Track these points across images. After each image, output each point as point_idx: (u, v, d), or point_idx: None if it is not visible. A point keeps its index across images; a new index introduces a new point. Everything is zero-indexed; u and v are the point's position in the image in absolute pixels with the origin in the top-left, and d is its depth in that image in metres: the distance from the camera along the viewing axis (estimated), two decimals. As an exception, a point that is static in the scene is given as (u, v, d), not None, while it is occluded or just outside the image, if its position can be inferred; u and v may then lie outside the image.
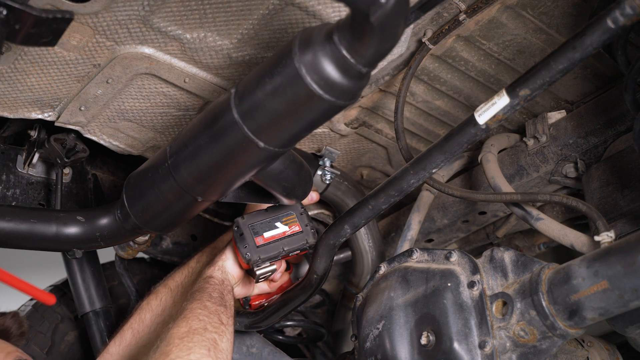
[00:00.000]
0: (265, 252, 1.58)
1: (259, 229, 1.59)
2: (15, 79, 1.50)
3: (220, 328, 1.43)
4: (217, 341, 1.38)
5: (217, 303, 1.49)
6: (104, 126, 1.69)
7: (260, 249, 1.57)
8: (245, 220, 1.59)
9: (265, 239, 1.58)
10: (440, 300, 1.38)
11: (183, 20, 1.42)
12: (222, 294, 1.54)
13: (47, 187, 1.84)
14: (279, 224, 1.61)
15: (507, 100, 1.22)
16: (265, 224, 1.60)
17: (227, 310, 1.50)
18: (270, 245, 1.58)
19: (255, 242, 1.57)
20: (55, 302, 1.72)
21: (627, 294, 1.15)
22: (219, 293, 1.53)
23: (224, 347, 1.40)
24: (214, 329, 1.41)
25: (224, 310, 1.49)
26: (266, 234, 1.59)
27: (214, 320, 1.43)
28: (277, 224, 1.61)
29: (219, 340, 1.39)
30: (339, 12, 1.41)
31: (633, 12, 1.06)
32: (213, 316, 1.44)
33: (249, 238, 1.57)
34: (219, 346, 1.38)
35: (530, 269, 1.33)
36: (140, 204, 1.44)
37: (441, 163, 1.34)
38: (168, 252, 2.15)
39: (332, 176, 1.86)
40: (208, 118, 1.28)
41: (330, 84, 1.12)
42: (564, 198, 1.41)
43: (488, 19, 1.57)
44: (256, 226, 1.59)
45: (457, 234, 2.04)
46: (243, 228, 1.58)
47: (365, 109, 1.85)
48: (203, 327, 1.40)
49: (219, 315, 1.46)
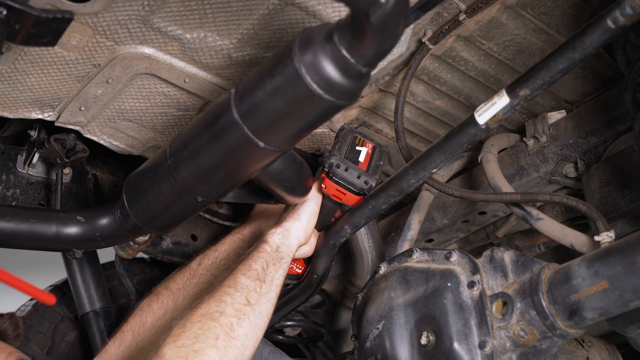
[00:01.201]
0: (373, 173, 1.51)
1: (352, 157, 1.51)
2: (15, 79, 1.50)
3: (243, 310, 1.35)
4: (233, 326, 1.32)
5: (252, 277, 1.42)
6: (104, 126, 1.69)
7: (369, 172, 1.50)
8: (335, 157, 1.50)
9: (363, 162, 1.51)
10: (440, 300, 1.38)
11: (183, 20, 1.42)
12: (265, 266, 1.46)
13: (47, 187, 1.84)
14: (359, 148, 1.53)
15: (507, 100, 1.22)
16: (352, 151, 1.52)
17: (262, 286, 1.42)
18: (372, 166, 1.51)
19: (362, 168, 1.50)
20: (55, 302, 1.72)
21: (627, 294, 1.15)
22: (262, 264, 1.45)
23: (242, 331, 1.33)
24: (234, 312, 1.34)
25: (257, 286, 1.41)
26: (361, 157, 1.52)
27: (238, 300, 1.36)
28: (358, 148, 1.53)
29: (236, 324, 1.32)
30: (339, 12, 1.41)
31: (633, 12, 1.06)
32: (239, 295, 1.37)
33: (352, 167, 1.50)
34: (234, 332, 1.31)
35: (530, 269, 1.33)
36: (140, 204, 1.44)
37: (441, 163, 1.34)
38: (168, 252, 2.15)
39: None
40: (208, 118, 1.28)
41: (330, 84, 1.12)
42: (564, 198, 1.41)
43: (488, 19, 1.57)
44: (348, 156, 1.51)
45: (457, 234, 2.04)
46: (341, 162, 1.49)
47: (365, 109, 1.85)
48: (221, 310, 1.33)
49: (248, 294, 1.38)
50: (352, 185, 1.49)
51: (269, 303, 1.42)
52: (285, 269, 1.50)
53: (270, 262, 1.47)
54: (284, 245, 1.51)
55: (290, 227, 1.53)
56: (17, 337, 1.66)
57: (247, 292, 1.39)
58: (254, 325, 1.36)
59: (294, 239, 1.52)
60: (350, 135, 1.53)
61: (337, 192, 1.52)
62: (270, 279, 1.45)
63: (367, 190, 1.49)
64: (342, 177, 1.49)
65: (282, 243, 1.51)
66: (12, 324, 1.64)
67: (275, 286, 1.45)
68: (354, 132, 1.55)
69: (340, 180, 1.50)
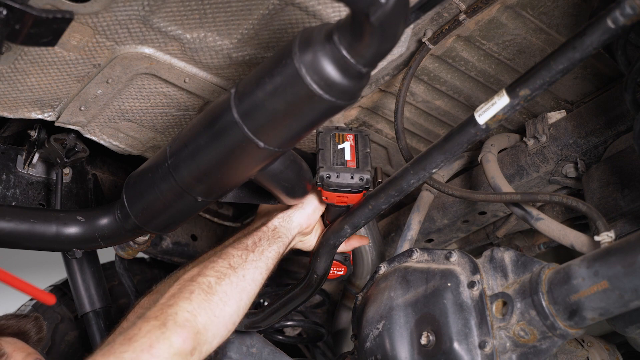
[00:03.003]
0: (364, 165, 1.49)
1: (338, 160, 1.49)
2: (15, 79, 1.50)
3: (224, 271, 1.37)
4: (211, 284, 1.34)
5: (239, 248, 1.43)
6: (104, 126, 1.69)
7: (360, 166, 1.48)
8: (323, 169, 1.48)
9: (350, 159, 1.50)
10: (440, 300, 1.38)
11: (183, 20, 1.42)
12: (257, 240, 1.47)
13: (47, 187, 1.84)
14: (341, 145, 1.51)
15: (507, 100, 1.22)
16: (336, 153, 1.50)
17: (249, 255, 1.43)
18: (360, 159, 1.49)
19: (352, 166, 1.48)
20: (55, 302, 1.72)
21: (627, 294, 1.15)
22: (254, 239, 1.47)
23: (221, 289, 1.34)
24: (213, 273, 1.36)
25: (243, 254, 1.43)
26: (346, 155, 1.50)
27: (220, 265, 1.38)
28: (340, 146, 1.51)
29: (215, 283, 1.34)
30: (339, 12, 1.41)
31: (633, 12, 1.06)
32: (222, 261, 1.39)
33: (343, 170, 1.48)
34: (211, 289, 1.33)
35: (530, 269, 1.33)
36: (140, 204, 1.44)
37: (441, 163, 1.34)
38: (168, 252, 2.15)
39: None
40: (208, 118, 1.28)
41: (330, 84, 1.12)
42: (564, 198, 1.41)
43: (488, 19, 1.57)
44: (334, 161, 1.49)
45: (457, 234, 2.04)
46: (330, 171, 1.47)
47: (365, 109, 1.85)
48: (201, 273, 1.36)
49: (231, 260, 1.40)
50: (350, 187, 1.48)
51: (255, 270, 1.42)
52: (281, 246, 1.49)
53: (264, 238, 1.48)
54: (282, 227, 1.52)
55: (292, 214, 1.55)
56: (40, 340, 1.65)
57: (230, 258, 1.40)
58: (235, 285, 1.37)
59: (295, 224, 1.54)
60: (328, 137, 1.52)
61: (339, 199, 1.52)
62: (260, 250, 1.45)
63: (365, 185, 1.49)
64: (338, 184, 1.48)
65: (281, 225, 1.52)
66: (36, 326, 1.63)
67: (266, 258, 1.45)
68: (330, 132, 1.53)
69: (336, 188, 1.49)
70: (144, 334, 1.21)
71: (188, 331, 1.25)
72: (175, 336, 1.23)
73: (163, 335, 1.22)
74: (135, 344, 1.20)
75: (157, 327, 1.22)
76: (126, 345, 1.20)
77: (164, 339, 1.21)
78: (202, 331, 1.27)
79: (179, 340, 1.23)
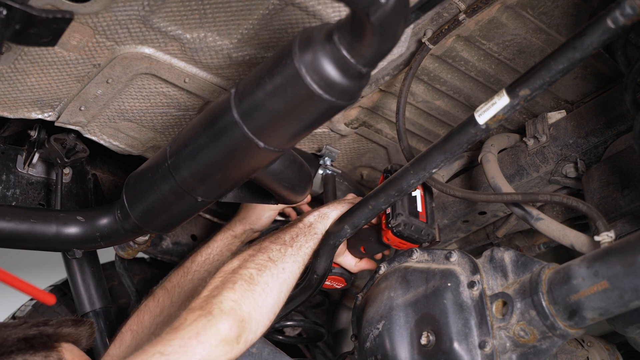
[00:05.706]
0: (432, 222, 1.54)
1: (412, 209, 1.54)
2: (15, 79, 1.50)
3: (265, 264, 1.40)
4: (253, 275, 1.37)
5: (278, 243, 1.47)
6: (104, 126, 1.69)
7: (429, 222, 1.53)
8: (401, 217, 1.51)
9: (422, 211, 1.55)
10: (440, 300, 1.38)
11: (183, 20, 1.42)
12: (294, 236, 1.50)
13: (47, 187, 1.84)
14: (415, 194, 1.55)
15: (507, 100, 1.22)
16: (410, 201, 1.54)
17: (288, 249, 1.46)
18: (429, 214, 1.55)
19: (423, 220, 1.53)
20: (55, 302, 1.72)
21: (627, 294, 1.15)
22: (291, 235, 1.50)
23: (263, 280, 1.37)
24: (254, 266, 1.39)
25: (282, 248, 1.46)
26: (418, 207, 1.55)
27: (260, 257, 1.41)
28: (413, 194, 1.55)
29: (256, 274, 1.37)
30: (339, 12, 1.41)
31: (633, 12, 1.06)
32: (262, 255, 1.42)
33: (416, 223, 1.52)
34: (253, 280, 1.36)
35: (530, 269, 1.33)
36: (140, 204, 1.44)
37: (441, 163, 1.34)
38: (168, 252, 2.15)
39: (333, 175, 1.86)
40: (208, 118, 1.28)
41: (330, 84, 1.12)
42: (564, 198, 1.41)
43: (488, 19, 1.57)
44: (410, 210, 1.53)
45: (457, 234, 2.04)
46: (408, 221, 1.51)
47: (365, 109, 1.85)
48: (243, 266, 1.39)
49: (270, 253, 1.43)
50: (416, 240, 1.54)
51: (294, 264, 1.45)
52: (316, 242, 1.53)
53: (301, 234, 1.51)
54: (318, 223, 1.55)
55: (328, 212, 1.57)
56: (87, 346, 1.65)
57: (270, 252, 1.44)
58: (276, 277, 1.40)
59: (330, 222, 1.56)
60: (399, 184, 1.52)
61: (400, 244, 1.56)
62: (298, 245, 1.49)
63: (428, 241, 1.54)
64: (409, 235, 1.53)
65: (317, 221, 1.55)
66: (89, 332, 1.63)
67: (303, 253, 1.49)
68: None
69: (407, 237, 1.54)
70: (191, 323, 1.24)
71: (234, 318, 1.28)
72: (221, 323, 1.26)
73: (209, 323, 1.25)
74: (183, 332, 1.23)
75: (203, 316, 1.25)
76: (173, 334, 1.23)
77: (211, 326, 1.24)
78: (247, 319, 1.30)
79: (225, 327, 1.26)
